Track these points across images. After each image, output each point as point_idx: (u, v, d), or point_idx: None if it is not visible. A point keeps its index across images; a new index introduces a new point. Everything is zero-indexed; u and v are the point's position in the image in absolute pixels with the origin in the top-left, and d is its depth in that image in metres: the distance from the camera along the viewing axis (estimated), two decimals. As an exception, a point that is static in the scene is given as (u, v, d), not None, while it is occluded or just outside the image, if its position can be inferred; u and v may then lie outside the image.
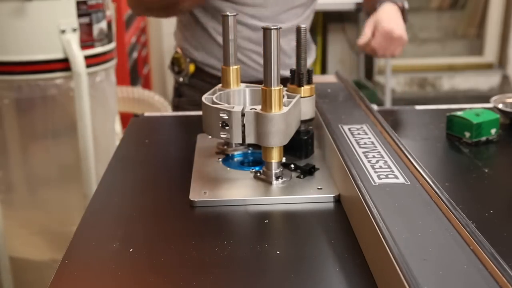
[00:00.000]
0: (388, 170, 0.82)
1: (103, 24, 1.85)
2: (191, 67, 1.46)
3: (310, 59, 1.50)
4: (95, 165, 1.91)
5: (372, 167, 0.83)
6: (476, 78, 4.47)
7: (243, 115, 0.87)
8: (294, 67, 0.96)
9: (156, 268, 0.71)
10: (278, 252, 0.75)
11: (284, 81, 0.88)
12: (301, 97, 0.95)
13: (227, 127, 0.88)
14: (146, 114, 1.36)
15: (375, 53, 1.27)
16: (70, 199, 1.96)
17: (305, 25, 0.92)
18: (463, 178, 0.97)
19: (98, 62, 1.93)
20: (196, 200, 0.87)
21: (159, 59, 3.89)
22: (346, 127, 0.99)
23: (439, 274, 0.57)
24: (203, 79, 1.45)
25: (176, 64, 1.51)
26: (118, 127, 2.18)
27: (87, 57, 1.86)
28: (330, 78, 1.42)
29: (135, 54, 3.00)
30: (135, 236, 0.80)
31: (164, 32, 3.86)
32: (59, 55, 1.80)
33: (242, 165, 1.00)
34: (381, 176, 0.80)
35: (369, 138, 0.94)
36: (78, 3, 1.82)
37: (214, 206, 0.86)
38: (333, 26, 4.19)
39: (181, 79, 1.49)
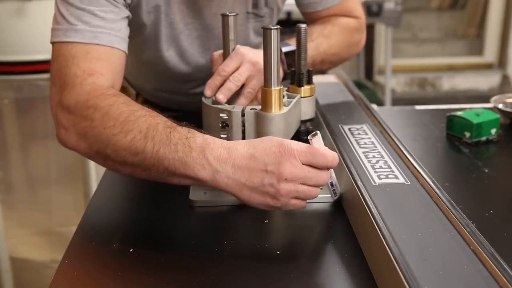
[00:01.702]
0: (388, 170, 0.82)
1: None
2: (139, 100, 1.31)
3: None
4: (95, 165, 1.91)
5: (372, 167, 0.83)
6: (476, 78, 4.47)
7: (243, 115, 0.87)
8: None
9: (156, 268, 0.71)
10: (278, 252, 0.74)
11: None
12: (301, 97, 0.95)
13: (227, 127, 0.88)
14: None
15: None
16: (70, 199, 1.97)
17: (305, 25, 0.92)
18: (463, 178, 0.97)
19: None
20: (196, 200, 0.86)
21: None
22: (346, 127, 0.99)
23: (439, 274, 0.57)
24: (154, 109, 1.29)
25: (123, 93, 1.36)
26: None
27: (87, 57, 1.85)
28: (330, 78, 1.42)
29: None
30: (135, 236, 0.80)
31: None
32: (59, 55, 1.80)
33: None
34: (381, 176, 0.80)
35: (369, 138, 0.94)
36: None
37: (214, 206, 0.86)
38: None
39: None
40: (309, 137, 0.76)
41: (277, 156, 0.72)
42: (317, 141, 0.76)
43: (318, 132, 0.76)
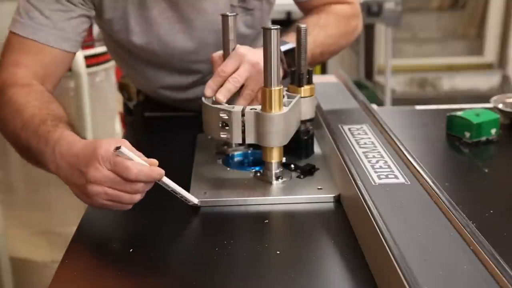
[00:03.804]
0: (388, 170, 0.82)
1: (103, 24, 1.85)
2: (141, 97, 1.34)
3: None
4: (95, 165, 1.90)
5: (372, 167, 0.83)
6: (476, 78, 4.47)
7: (243, 115, 0.87)
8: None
9: (156, 268, 0.71)
10: (278, 252, 0.75)
11: None
12: (301, 97, 0.95)
13: (227, 127, 0.88)
14: (146, 114, 1.36)
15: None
16: (70, 199, 1.96)
17: (305, 25, 0.92)
18: (463, 178, 0.97)
19: (98, 62, 1.93)
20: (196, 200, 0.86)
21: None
22: (346, 127, 0.99)
23: (439, 274, 0.57)
24: (155, 106, 1.33)
25: (125, 90, 1.39)
26: (118, 127, 2.18)
27: (87, 57, 1.85)
28: (330, 78, 1.42)
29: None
30: (135, 236, 0.80)
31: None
32: (59, 55, 1.80)
33: (242, 165, 1.00)
34: (381, 176, 0.80)
35: (369, 138, 0.94)
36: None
37: (214, 206, 0.86)
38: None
39: (132, 107, 1.37)
40: (112, 150, 0.75)
41: (88, 159, 0.75)
42: (123, 153, 0.75)
43: (121, 146, 0.75)
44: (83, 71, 1.81)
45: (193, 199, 0.85)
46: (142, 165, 0.76)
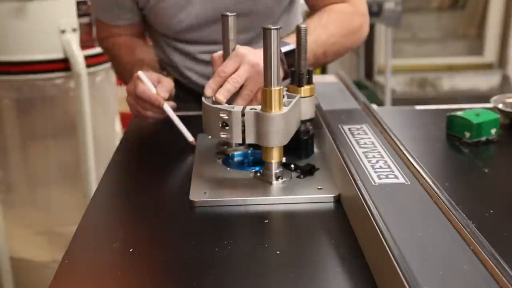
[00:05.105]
0: (388, 170, 0.82)
1: (103, 24, 1.85)
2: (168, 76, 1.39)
3: None
4: (95, 165, 1.91)
5: (372, 167, 0.83)
6: (476, 78, 4.47)
7: (243, 115, 0.87)
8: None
9: (156, 268, 0.71)
10: (278, 252, 0.75)
11: None
12: (301, 97, 0.95)
13: (227, 127, 0.88)
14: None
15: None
16: (70, 199, 1.96)
17: (305, 25, 0.92)
18: (463, 178, 0.97)
19: (98, 62, 1.93)
20: (196, 200, 0.86)
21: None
22: (346, 127, 0.99)
23: (439, 274, 0.57)
24: (184, 91, 1.37)
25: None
26: (118, 127, 2.18)
27: (87, 57, 1.86)
28: (330, 78, 1.42)
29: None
30: (135, 236, 0.80)
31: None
32: (59, 55, 1.81)
33: (242, 165, 1.00)
34: (381, 176, 0.80)
35: (369, 138, 0.94)
36: (78, 3, 1.83)
37: (214, 206, 0.86)
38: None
39: None
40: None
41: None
42: (140, 77, 1.08)
43: (139, 71, 1.09)
44: (83, 71, 1.82)
45: (189, 136, 1.06)
46: (148, 88, 1.08)
